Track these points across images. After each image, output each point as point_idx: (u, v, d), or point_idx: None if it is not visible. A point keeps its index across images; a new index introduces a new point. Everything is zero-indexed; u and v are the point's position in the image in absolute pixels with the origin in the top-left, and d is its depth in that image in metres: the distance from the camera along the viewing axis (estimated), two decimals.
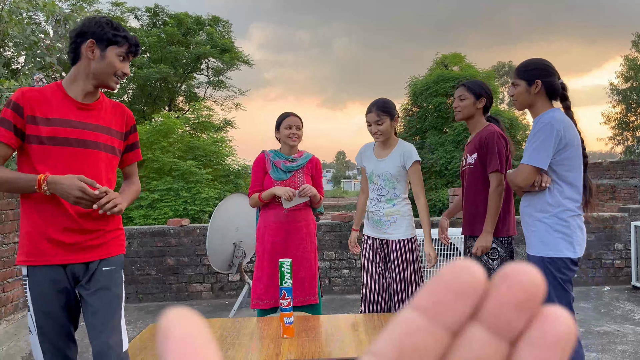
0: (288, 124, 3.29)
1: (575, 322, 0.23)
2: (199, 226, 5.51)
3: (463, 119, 2.93)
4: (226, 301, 5.33)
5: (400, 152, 3.01)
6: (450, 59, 15.34)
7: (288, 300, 2.19)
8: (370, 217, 3.09)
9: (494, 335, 0.21)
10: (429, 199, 11.99)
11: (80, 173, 1.83)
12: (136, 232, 5.45)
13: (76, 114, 1.91)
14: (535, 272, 0.22)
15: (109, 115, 2.01)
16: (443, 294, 0.21)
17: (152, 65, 18.46)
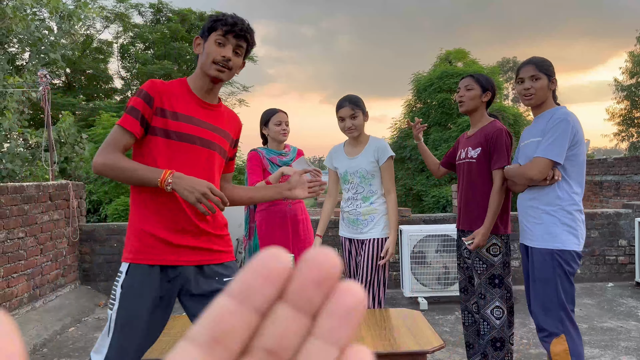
0: (278, 120, 3.32)
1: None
2: None
3: (468, 111, 2.86)
4: None
5: (375, 148, 2.96)
6: (454, 54, 15.27)
7: None
8: (346, 217, 3.04)
9: (297, 312, 0.24)
10: (433, 196, 11.97)
11: (197, 172, 1.79)
12: None
13: (200, 113, 1.88)
14: (331, 254, 0.25)
15: (225, 119, 1.97)
16: (252, 279, 0.24)
17: (156, 61, 18.49)
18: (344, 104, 2.95)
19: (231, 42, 1.83)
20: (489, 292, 2.73)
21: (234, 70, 1.88)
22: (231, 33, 1.82)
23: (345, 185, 3.05)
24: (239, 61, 1.88)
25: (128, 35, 20.11)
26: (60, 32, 12.97)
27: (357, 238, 3.00)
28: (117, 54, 20.42)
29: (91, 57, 19.41)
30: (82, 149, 10.55)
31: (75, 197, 5.36)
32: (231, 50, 1.83)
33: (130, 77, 20.26)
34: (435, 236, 4.84)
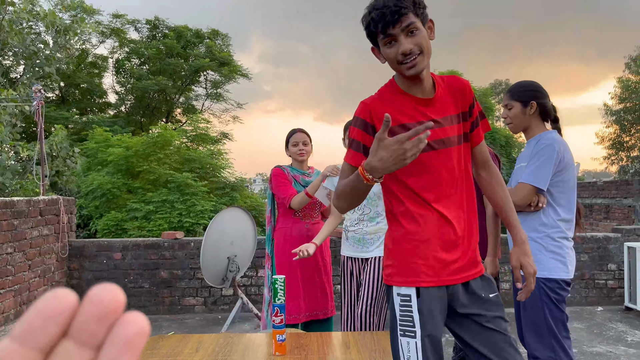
0: (295, 141, 3.39)
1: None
2: (193, 239, 5.51)
3: None
4: (219, 315, 5.30)
5: None
6: None
7: (281, 317, 2.19)
8: (351, 236, 3.04)
9: (80, 346, 0.25)
10: None
11: (435, 175, 1.62)
12: (130, 244, 5.43)
13: (423, 113, 1.65)
14: (114, 288, 0.26)
15: (451, 98, 1.68)
16: (34, 320, 0.25)
17: (151, 77, 18.55)
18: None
19: (396, 33, 1.56)
20: None
21: (425, 48, 1.58)
22: (387, 27, 1.56)
23: None
24: (420, 37, 1.57)
25: (124, 51, 20.19)
26: (56, 46, 13.01)
27: (361, 257, 3.01)
28: (112, 68, 20.47)
29: (86, 72, 19.45)
30: (74, 163, 10.51)
31: (66, 213, 5.33)
32: (403, 39, 1.56)
33: (125, 92, 20.30)
34: None
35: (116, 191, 9.71)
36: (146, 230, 8.84)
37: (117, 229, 9.14)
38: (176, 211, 9.19)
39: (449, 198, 1.66)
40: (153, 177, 9.91)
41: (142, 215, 9.15)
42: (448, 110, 1.67)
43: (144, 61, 20.16)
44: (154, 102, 20.20)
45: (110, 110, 20.68)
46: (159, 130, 11.26)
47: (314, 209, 3.40)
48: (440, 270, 1.63)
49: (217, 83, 21.15)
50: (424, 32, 1.58)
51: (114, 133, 12.37)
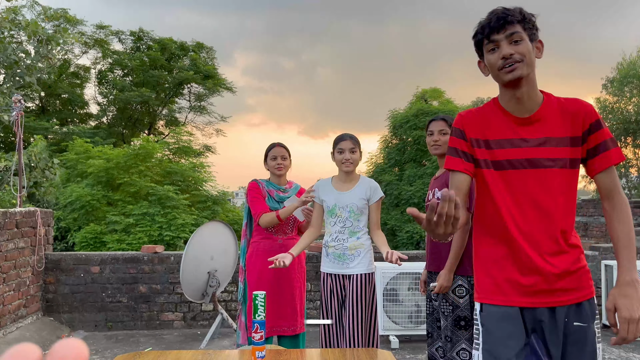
0: (273, 155, 3.39)
1: None
2: (173, 253, 5.44)
3: (441, 154, 2.86)
4: (198, 331, 5.22)
5: (367, 186, 3.02)
6: (430, 93, 15.69)
7: (261, 333, 2.16)
8: (332, 252, 3.01)
9: None
10: (407, 231, 12.06)
11: (529, 196, 1.65)
12: (109, 257, 5.34)
13: (518, 132, 1.67)
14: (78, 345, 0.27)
15: (558, 121, 1.66)
16: None
17: (134, 88, 18.45)
18: (345, 137, 3.03)
19: (499, 39, 1.61)
20: (455, 334, 2.72)
21: (527, 57, 1.60)
22: (493, 32, 1.62)
23: (331, 219, 3.04)
24: (524, 47, 1.60)
25: (106, 62, 20.06)
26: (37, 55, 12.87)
27: (342, 273, 2.97)
28: (95, 79, 20.30)
29: (67, 82, 19.25)
30: (53, 174, 10.35)
31: (43, 225, 5.23)
32: (507, 46, 1.60)
33: (107, 103, 20.12)
34: (407, 274, 4.84)
35: (95, 203, 9.57)
36: (126, 244, 8.71)
37: (96, 242, 8.98)
38: (157, 224, 9.08)
39: (532, 218, 1.67)
40: (134, 189, 9.79)
41: (122, 228, 9.02)
42: (552, 131, 1.65)
43: (127, 72, 20.05)
44: (137, 114, 20.06)
45: (91, 121, 20.47)
46: (141, 142, 11.17)
47: (288, 224, 3.38)
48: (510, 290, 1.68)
49: (201, 96, 21.11)
50: (529, 45, 1.61)
51: (95, 144, 12.22)
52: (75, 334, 5.07)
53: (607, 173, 1.65)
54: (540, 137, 1.66)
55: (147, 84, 18.97)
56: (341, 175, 3.08)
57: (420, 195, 12.44)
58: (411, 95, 16.29)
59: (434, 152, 2.92)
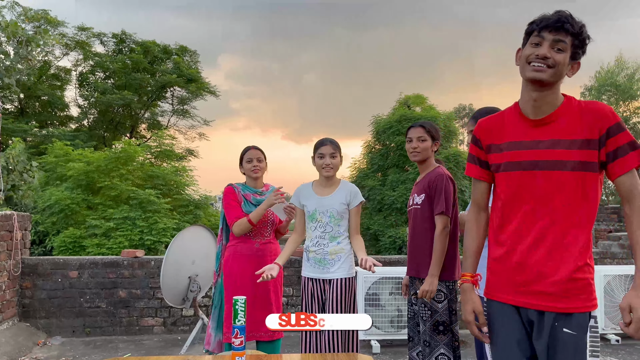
0: (249, 158, 3.38)
1: None
2: (154, 258, 5.38)
3: (421, 161, 2.92)
4: (178, 337, 5.17)
5: (347, 191, 3.03)
6: (413, 99, 15.80)
7: (241, 339, 2.15)
8: (312, 257, 3.01)
9: None
10: (390, 236, 12.09)
11: (537, 197, 1.69)
12: (87, 262, 5.26)
13: (529, 133, 1.72)
14: None
15: (573, 123, 1.67)
16: None
17: (116, 91, 18.25)
18: (326, 142, 3.03)
19: (547, 39, 1.64)
20: (433, 339, 2.73)
21: (559, 68, 1.64)
22: (546, 29, 1.64)
23: (312, 224, 3.02)
24: (562, 58, 1.64)
25: (88, 64, 19.83)
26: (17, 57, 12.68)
27: (323, 278, 2.97)
28: (76, 81, 20.05)
29: (47, 84, 18.98)
30: (32, 177, 10.17)
31: (20, 229, 5.13)
32: (547, 47, 1.64)
33: (88, 105, 19.88)
34: (389, 278, 4.86)
35: (75, 207, 9.41)
36: (106, 248, 8.58)
37: (75, 246, 8.83)
38: (138, 229, 8.96)
39: (537, 217, 1.70)
40: (114, 193, 9.66)
41: (102, 233, 8.88)
42: (565, 134, 1.67)
43: (109, 75, 19.85)
44: (118, 117, 19.85)
45: (71, 123, 20.19)
46: (123, 145, 11.03)
47: (265, 227, 3.36)
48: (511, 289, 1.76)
49: (184, 99, 20.98)
50: (567, 59, 1.66)
51: (75, 147, 12.05)
52: (52, 340, 4.98)
53: (627, 177, 1.63)
54: (552, 139, 1.68)
55: (130, 87, 18.79)
56: (322, 180, 3.08)
57: (403, 200, 12.51)
58: (394, 101, 16.41)
59: (414, 159, 2.94)
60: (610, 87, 25.33)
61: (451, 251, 2.76)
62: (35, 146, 15.09)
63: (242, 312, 2.20)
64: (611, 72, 25.82)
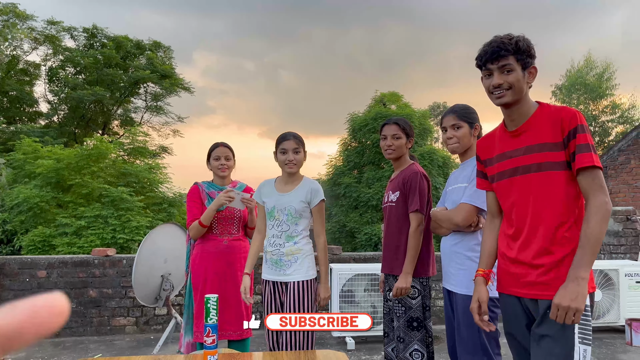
0: (217, 155, 3.31)
1: None
2: (126, 256, 5.28)
3: (395, 158, 2.91)
4: (151, 336, 5.09)
5: (308, 188, 2.87)
6: (389, 97, 15.87)
7: (213, 337, 2.12)
8: (269, 258, 2.86)
9: None
10: (365, 233, 12.15)
11: (522, 200, 1.88)
12: (56, 261, 5.14)
13: (509, 144, 1.93)
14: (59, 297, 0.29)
15: (543, 129, 1.83)
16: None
17: (87, 87, 17.87)
18: (288, 137, 2.87)
19: (494, 69, 1.86)
20: (407, 335, 2.74)
21: (516, 86, 1.83)
22: (488, 62, 1.86)
23: (270, 222, 2.88)
24: (513, 77, 1.83)
25: (58, 59, 19.35)
26: None
27: (280, 280, 2.83)
28: (45, 77, 19.55)
29: (16, 79, 18.47)
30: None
31: None
32: (497, 75, 1.85)
33: (58, 101, 19.41)
34: (364, 275, 4.87)
35: (44, 205, 9.19)
36: (77, 247, 8.39)
37: (45, 246, 8.62)
38: (110, 227, 8.80)
39: (521, 219, 1.90)
40: (86, 191, 9.46)
41: (73, 231, 8.69)
42: (536, 139, 1.84)
43: (80, 70, 19.41)
44: (90, 113, 19.44)
45: (41, 120, 19.69)
46: (94, 142, 10.80)
47: (232, 224, 3.30)
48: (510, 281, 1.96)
49: (158, 96, 20.66)
50: (519, 75, 1.84)
51: (45, 144, 11.75)
52: None
53: (582, 176, 1.77)
54: (526, 146, 1.87)
55: (101, 83, 18.41)
56: (284, 176, 2.93)
57: (379, 197, 12.58)
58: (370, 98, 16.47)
59: (388, 157, 2.92)
60: (580, 86, 25.91)
61: (425, 248, 2.77)
62: (3, 143, 14.67)
63: (215, 311, 2.17)
64: (581, 71, 26.42)
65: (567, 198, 1.81)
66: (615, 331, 5.28)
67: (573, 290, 1.69)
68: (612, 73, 25.57)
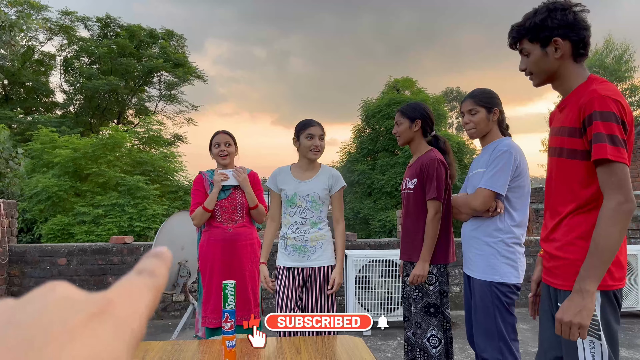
0: (216, 142, 3.35)
1: None
2: (143, 244, 5.36)
3: (404, 144, 2.93)
4: (169, 322, 5.17)
5: (329, 175, 2.91)
6: (402, 83, 15.74)
7: (231, 323, 2.15)
8: (291, 244, 2.85)
9: None
10: (379, 220, 12.15)
11: (550, 183, 1.80)
12: (76, 249, 5.22)
13: (556, 119, 1.82)
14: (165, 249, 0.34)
15: (570, 111, 1.69)
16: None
17: (102, 76, 17.99)
18: (314, 123, 2.91)
19: (518, 51, 1.84)
20: (425, 320, 2.75)
21: (538, 67, 1.77)
22: (511, 47, 1.85)
23: (290, 209, 2.89)
24: (531, 61, 1.78)
25: (72, 49, 19.50)
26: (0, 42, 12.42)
27: (302, 266, 2.85)
28: (60, 67, 19.73)
29: (32, 69, 18.66)
30: (17, 165, 10.04)
31: (6, 216, 5.07)
32: (522, 59, 1.83)
33: (74, 91, 19.59)
34: (379, 261, 4.89)
35: (62, 194, 9.32)
36: (95, 235, 8.53)
37: (64, 234, 8.76)
38: (126, 215, 8.91)
39: (548, 205, 1.83)
40: (102, 180, 9.58)
41: (91, 220, 8.82)
42: (563, 121, 1.73)
43: (95, 60, 19.54)
44: (105, 103, 19.60)
45: (57, 110, 19.90)
46: (110, 131, 10.90)
47: (235, 211, 3.32)
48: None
49: (171, 84, 20.74)
50: (538, 56, 1.75)
51: (61, 134, 11.89)
52: None
53: (598, 170, 1.59)
54: (560, 126, 1.75)
55: (116, 72, 18.53)
56: (302, 162, 2.94)
57: (393, 184, 12.55)
58: (383, 85, 16.35)
59: (398, 143, 2.97)
60: (599, 69, 25.45)
61: (443, 235, 2.76)
62: (21, 133, 14.87)
63: (232, 297, 2.19)
64: (600, 54, 25.92)
65: (582, 192, 1.66)
66: (634, 316, 5.24)
67: (577, 304, 1.55)
68: (630, 55, 25.04)
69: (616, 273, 1.66)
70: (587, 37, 1.71)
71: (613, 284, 1.66)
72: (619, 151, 1.54)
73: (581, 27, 1.69)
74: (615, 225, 1.53)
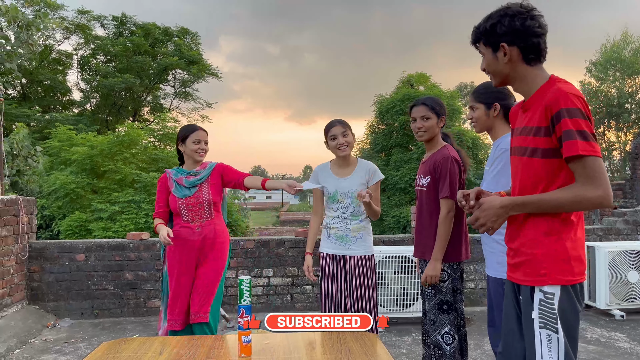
0: (197, 139, 3.23)
1: None
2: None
3: (428, 140, 2.83)
4: None
5: (366, 169, 3.08)
6: (416, 78, 15.65)
7: (247, 318, 2.17)
8: (334, 234, 3.08)
9: None
10: (394, 216, 12.12)
11: (514, 181, 1.82)
12: (94, 245, 5.31)
13: (520, 118, 1.82)
14: None
15: (536, 111, 1.69)
16: None
17: (117, 74, 18.17)
18: (335, 124, 3.07)
19: (479, 51, 1.87)
20: (438, 317, 2.75)
21: (495, 69, 1.79)
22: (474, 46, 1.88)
23: (333, 205, 3.10)
24: (487, 62, 1.82)
25: (89, 47, 19.72)
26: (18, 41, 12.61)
27: (343, 254, 3.04)
28: (77, 65, 19.96)
29: (49, 68, 18.92)
30: (36, 162, 10.21)
31: (26, 213, 5.17)
32: (482, 61, 1.85)
33: (90, 89, 19.83)
34: (393, 257, 4.89)
35: (80, 191, 9.46)
36: (112, 231, 8.64)
37: (81, 230, 8.89)
38: (143, 212, 9.00)
39: None
40: (119, 176, 9.69)
41: (108, 216, 8.93)
42: (531, 120, 1.71)
43: (110, 58, 19.76)
44: (121, 100, 19.81)
45: (74, 108, 20.17)
46: (126, 129, 11.01)
47: (202, 209, 3.22)
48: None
49: (186, 82, 20.90)
50: (490, 58, 1.81)
51: (79, 131, 12.04)
52: (61, 322, 5.05)
53: (571, 164, 1.60)
54: (524, 126, 1.74)
55: (131, 70, 18.71)
56: (338, 160, 3.13)
57: (407, 180, 12.51)
58: (397, 80, 16.26)
59: (420, 139, 2.86)
60: (616, 62, 25.03)
61: (456, 233, 2.75)
62: (39, 131, 15.11)
63: (248, 292, 2.22)
64: (617, 47, 25.49)
65: (548, 189, 1.67)
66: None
67: (497, 205, 1.70)
68: None
69: (576, 268, 1.67)
70: (536, 43, 1.72)
71: (573, 278, 1.67)
72: (591, 145, 1.57)
73: (530, 34, 1.71)
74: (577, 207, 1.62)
